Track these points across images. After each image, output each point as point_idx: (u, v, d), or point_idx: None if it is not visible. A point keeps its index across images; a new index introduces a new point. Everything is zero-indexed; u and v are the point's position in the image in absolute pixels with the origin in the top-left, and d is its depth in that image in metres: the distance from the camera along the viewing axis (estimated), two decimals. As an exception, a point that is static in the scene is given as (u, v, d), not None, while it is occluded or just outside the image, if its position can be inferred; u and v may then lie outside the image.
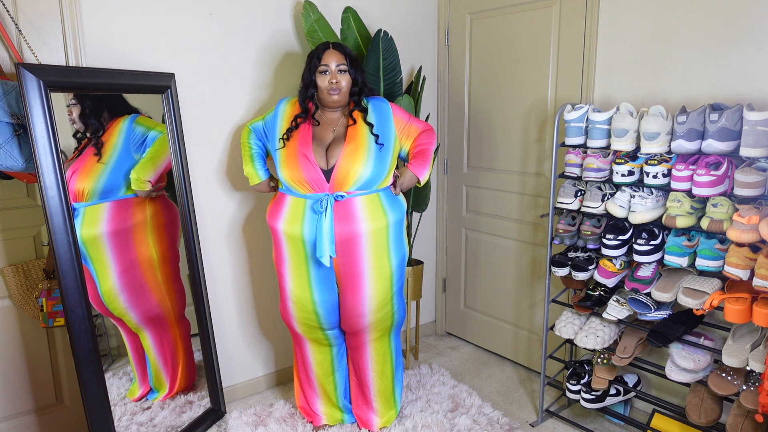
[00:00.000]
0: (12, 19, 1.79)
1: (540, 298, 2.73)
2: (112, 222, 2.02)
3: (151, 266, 2.17)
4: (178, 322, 2.31)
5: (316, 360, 2.25)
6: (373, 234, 2.00)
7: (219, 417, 2.41)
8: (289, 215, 2.00)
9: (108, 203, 2.00)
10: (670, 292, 1.90)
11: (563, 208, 2.18)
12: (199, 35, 2.24)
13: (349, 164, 1.94)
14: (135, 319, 2.16)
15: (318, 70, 1.98)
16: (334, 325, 2.16)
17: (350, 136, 1.99)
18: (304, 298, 2.09)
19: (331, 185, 1.95)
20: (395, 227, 2.07)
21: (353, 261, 2.02)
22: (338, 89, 1.97)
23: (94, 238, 1.97)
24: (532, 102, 2.60)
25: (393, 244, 2.07)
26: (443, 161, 3.12)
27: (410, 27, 2.90)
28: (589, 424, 2.36)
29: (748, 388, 1.81)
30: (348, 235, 1.97)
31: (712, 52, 1.96)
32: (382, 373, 2.24)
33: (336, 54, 1.98)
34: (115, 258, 2.04)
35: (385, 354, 2.22)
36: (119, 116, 2.04)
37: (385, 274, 2.07)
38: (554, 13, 2.44)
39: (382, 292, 2.08)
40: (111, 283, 2.05)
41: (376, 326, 2.14)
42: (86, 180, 1.94)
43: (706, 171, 1.73)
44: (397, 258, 2.10)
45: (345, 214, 1.96)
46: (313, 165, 1.94)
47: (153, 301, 2.20)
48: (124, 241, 2.07)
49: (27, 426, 2.09)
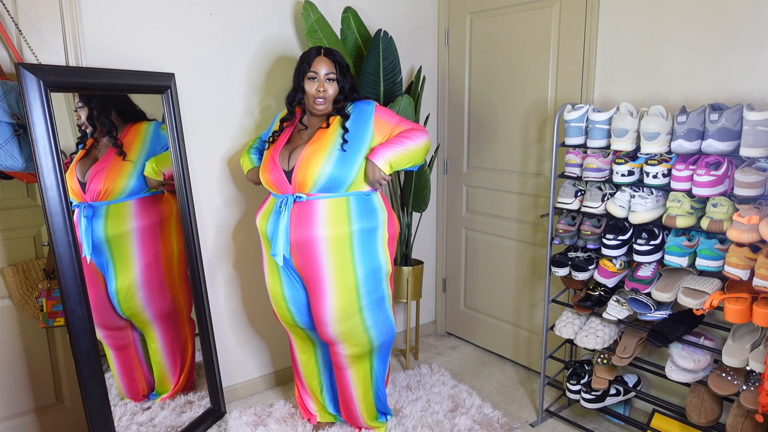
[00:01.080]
0: (12, 19, 1.79)
1: (540, 298, 2.73)
2: (141, 217, 2.08)
3: (170, 263, 2.23)
4: (188, 322, 2.34)
5: (302, 360, 2.26)
6: (332, 240, 1.91)
7: (219, 417, 2.41)
8: (263, 212, 2.05)
9: (135, 200, 2.06)
10: (670, 292, 1.90)
11: (563, 208, 2.18)
12: (199, 35, 2.24)
13: (306, 165, 1.89)
14: (148, 316, 2.18)
15: (307, 76, 1.96)
16: (308, 325, 2.14)
17: (315, 138, 1.95)
18: (277, 293, 2.12)
19: (293, 186, 1.93)
20: (362, 235, 1.95)
21: (312, 265, 1.95)
22: (324, 98, 1.95)
23: (123, 234, 2.03)
24: (532, 102, 2.60)
25: (358, 253, 1.95)
26: (443, 161, 3.12)
27: (410, 27, 2.90)
28: (589, 424, 2.36)
29: (748, 388, 1.81)
30: (303, 238, 1.92)
31: (712, 52, 1.96)
32: (364, 397, 2.17)
33: (326, 62, 1.95)
34: (141, 252, 2.10)
35: (365, 378, 2.13)
36: (135, 119, 2.09)
37: (348, 284, 1.95)
38: (554, 13, 2.44)
39: (345, 302, 1.96)
40: (132, 279, 2.08)
41: (347, 340, 2.02)
42: (116, 179, 2.00)
43: (706, 171, 1.73)
44: (365, 269, 1.96)
45: (303, 216, 1.92)
46: (276, 167, 1.95)
47: (168, 299, 2.25)
48: (152, 236, 2.14)
49: (27, 426, 2.09)
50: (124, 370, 2.20)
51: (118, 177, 2.01)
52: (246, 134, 2.43)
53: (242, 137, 2.42)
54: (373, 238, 1.99)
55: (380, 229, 2.01)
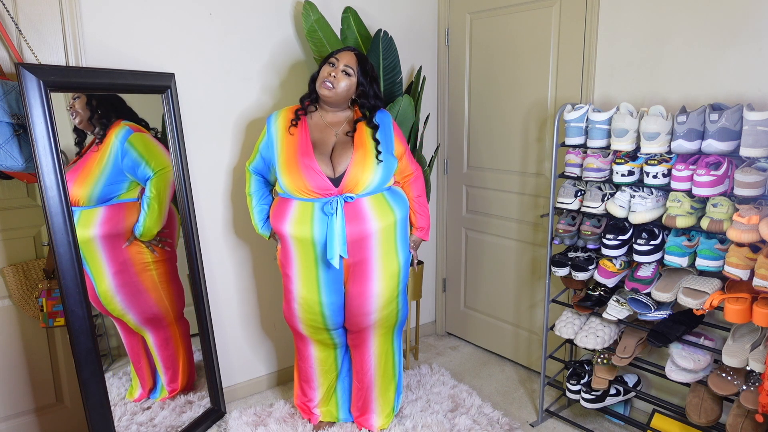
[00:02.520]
0: (12, 19, 1.79)
1: (540, 298, 2.73)
2: (104, 225, 2.01)
3: (146, 267, 2.15)
4: (177, 322, 2.31)
5: (319, 358, 2.25)
6: (383, 231, 2.02)
7: (219, 417, 2.41)
8: (296, 217, 1.98)
9: (103, 207, 2.00)
10: (670, 292, 1.90)
11: (563, 208, 2.18)
12: (199, 35, 2.24)
13: (359, 172, 1.94)
14: (134, 320, 2.16)
15: (328, 61, 1.99)
16: (338, 325, 2.16)
17: (358, 142, 1.99)
18: (312, 300, 2.08)
19: (340, 190, 1.95)
20: (402, 223, 2.10)
21: (363, 260, 2.02)
22: (333, 84, 1.94)
23: (87, 241, 1.96)
24: (532, 102, 2.60)
25: (400, 240, 2.10)
26: (443, 161, 3.12)
27: (410, 27, 2.90)
28: (589, 424, 2.36)
29: (748, 388, 1.81)
30: (359, 235, 1.98)
31: (712, 52, 1.96)
32: (384, 372, 2.24)
33: (351, 56, 1.98)
34: (108, 259, 2.04)
35: (387, 353, 2.23)
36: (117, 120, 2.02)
37: (393, 271, 2.08)
38: (554, 13, 2.44)
39: (390, 289, 2.09)
40: (106, 284, 2.05)
41: (381, 324, 2.14)
42: (82, 187, 1.94)
43: (706, 171, 1.73)
44: (404, 255, 2.13)
45: (355, 213, 1.96)
46: (319, 174, 1.92)
47: (150, 302, 2.19)
48: (116, 244, 2.05)
49: (27, 426, 2.09)
50: (135, 359, 2.21)
51: (84, 185, 1.94)
52: (246, 134, 2.43)
53: (242, 137, 2.42)
54: (407, 224, 2.16)
55: (408, 216, 2.18)
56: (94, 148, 1.97)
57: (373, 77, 2.04)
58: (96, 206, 1.98)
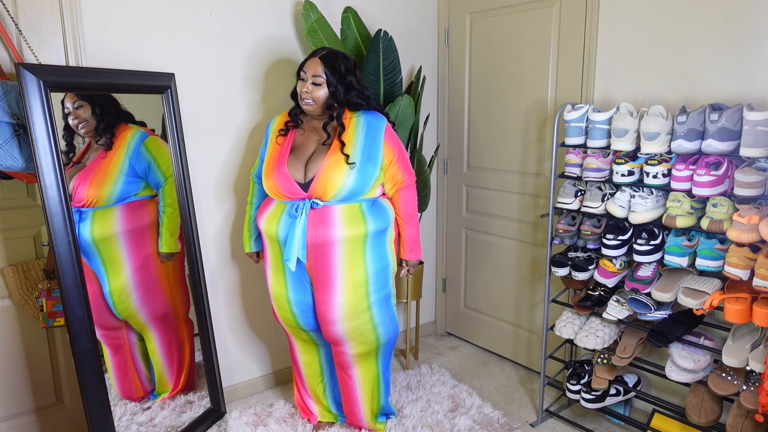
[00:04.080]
0: (12, 19, 1.79)
1: (540, 298, 2.73)
2: (127, 221, 2.05)
3: (164, 264, 2.19)
4: (184, 322, 2.33)
5: (304, 361, 2.26)
6: (349, 241, 1.95)
7: (219, 417, 2.41)
8: (269, 215, 2.02)
9: (121, 205, 2.03)
10: (670, 292, 1.90)
11: (563, 208, 2.18)
12: (199, 35, 2.24)
13: (326, 179, 1.90)
14: (144, 318, 2.17)
15: (300, 76, 1.97)
16: (312, 327, 2.13)
17: (333, 148, 1.95)
18: (281, 296, 2.10)
19: (309, 194, 1.93)
20: (375, 236, 1.99)
21: (325, 266, 1.98)
22: (312, 99, 1.93)
23: (109, 237, 2.00)
24: (532, 102, 2.60)
25: (370, 252, 2.00)
26: (443, 161, 3.12)
27: (410, 27, 2.90)
28: (589, 424, 2.36)
29: (748, 388, 1.81)
30: (321, 240, 1.94)
31: (712, 52, 1.96)
32: (368, 395, 2.19)
33: (317, 64, 1.92)
34: (130, 255, 2.07)
35: (371, 376, 2.16)
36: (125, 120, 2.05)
37: (358, 280, 1.99)
38: (554, 13, 2.44)
39: (354, 299, 2.00)
40: (124, 281, 2.07)
41: (354, 338, 2.04)
42: (101, 188, 1.96)
43: (706, 171, 1.73)
44: (375, 266, 2.01)
45: (320, 219, 1.93)
46: (288, 179, 1.93)
47: (163, 300, 2.22)
48: (139, 239, 2.10)
49: (27, 426, 2.09)
50: (119, 370, 2.19)
51: (103, 185, 1.96)
52: (246, 134, 2.43)
53: (242, 137, 2.42)
54: (383, 237, 2.04)
55: (390, 229, 2.07)
56: (102, 153, 1.99)
57: (347, 72, 1.94)
58: (114, 205, 2.01)
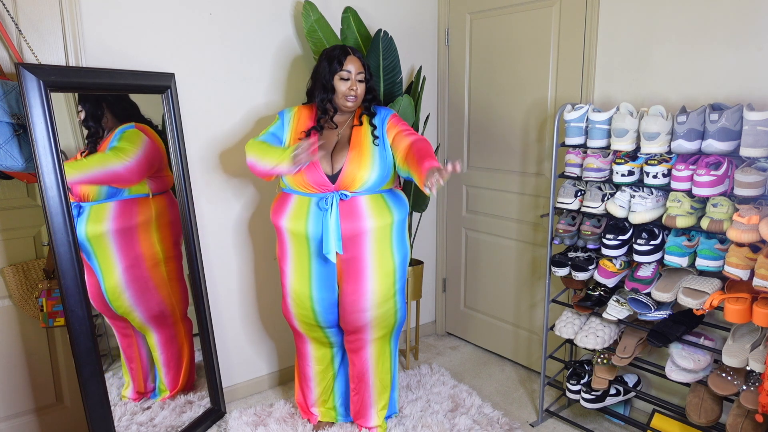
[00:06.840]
0: (12, 19, 1.79)
1: (540, 298, 2.73)
2: (117, 220, 2.04)
3: (157, 263, 2.18)
4: (181, 321, 2.32)
5: (316, 357, 2.26)
6: (378, 231, 2.02)
7: (219, 417, 2.41)
8: (293, 212, 2.02)
9: (113, 202, 2.03)
10: (670, 292, 1.90)
11: (563, 208, 2.18)
12: (199, 35, 2.24)
13: (355, 169, 1.96)
14: (140, 318, 2.17)
15: (339, 75, 1.99)
16: (331, 323, 2.16)
17: (354, 141, 2.01)
18: (303, 295, 2.10)
19: (336, 186, 1.98)
20: (399, 225, 2.09)
21: (357, 257, 2.04)
22: (356, 96, 2.01)
23: (100, 235, 1.99)
24: (532, 102, 2.60)
25: (396, 241, 2.09)
26: (443, 161, 3.12)
27: (410, 27, 2.90)
28: (589, 424, 2.36)
29: (748, 388, 1.81)
30: (353, 232, 2.00)
31: (712, 52, 1.96)
32: (381, 378, 2.23)
33: (357, 62, 2.01)
34: (120, 254, 2.06)
35: (384, 359, 2.22)
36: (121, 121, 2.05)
37: (388, 270, 2.09)
38: (554, 13, 2.44)
39: (385, 287, 2.09)
40: (116, 279, 2.06)
41: (378, 324, 2.13)
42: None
43: (706, 171, 1.73)
44: (400, 255, 2.12)
45: (350, 211, 1.99)
46: (318, 170, 1.96)
47: (158, 299, 2.22)
48: (129, 238, 2.09)
49: (27, 426, 2.09)
50: (128, 358, 2.21)
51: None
52: (246, 134, 2.43)
53: (242, 137, 2.42)
54: (404, 226, 2.15)
55: (407, 218, 2.18)
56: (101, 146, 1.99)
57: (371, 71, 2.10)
58: (106, 201, 2.01)
